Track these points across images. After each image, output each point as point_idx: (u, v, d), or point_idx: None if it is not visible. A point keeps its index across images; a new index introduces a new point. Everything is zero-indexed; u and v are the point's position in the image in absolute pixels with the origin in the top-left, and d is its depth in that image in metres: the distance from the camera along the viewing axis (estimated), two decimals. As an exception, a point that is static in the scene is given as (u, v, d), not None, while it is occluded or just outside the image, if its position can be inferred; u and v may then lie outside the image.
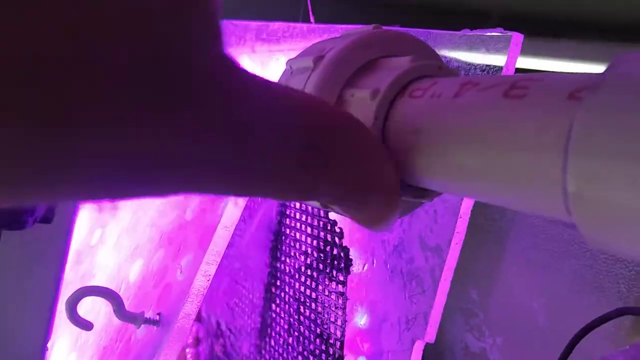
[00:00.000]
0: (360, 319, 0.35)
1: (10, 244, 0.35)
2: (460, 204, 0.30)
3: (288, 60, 0.23)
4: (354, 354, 0.36)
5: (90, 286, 0.33)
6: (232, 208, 0.27)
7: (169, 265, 0.36)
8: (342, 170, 0.14)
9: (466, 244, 0.34)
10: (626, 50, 0.94)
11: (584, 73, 0.14)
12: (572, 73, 0.14)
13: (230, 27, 0.60)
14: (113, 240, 0.47)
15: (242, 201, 0.27)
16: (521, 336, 0.48)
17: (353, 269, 0.31)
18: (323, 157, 0.13)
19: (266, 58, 0.52)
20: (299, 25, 0.46)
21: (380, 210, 0.16)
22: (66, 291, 0.46)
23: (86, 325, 0.35)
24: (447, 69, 0.19)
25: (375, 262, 0.35)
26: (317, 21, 0.53)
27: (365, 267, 0.35)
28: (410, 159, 0.18)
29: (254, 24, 0.54)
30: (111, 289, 0.32)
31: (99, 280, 0.46)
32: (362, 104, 0.19)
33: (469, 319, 0.54)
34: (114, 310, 0.33)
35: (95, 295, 0.32)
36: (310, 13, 0.54)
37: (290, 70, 0.22)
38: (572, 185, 0.12)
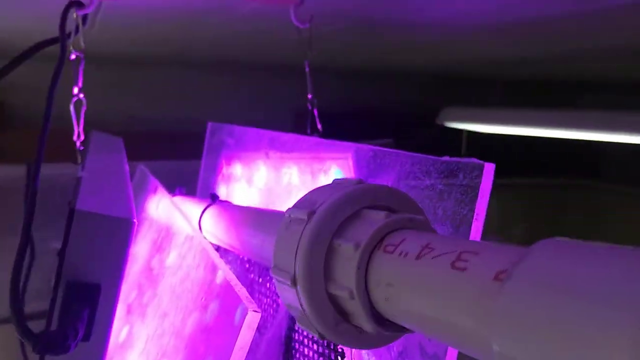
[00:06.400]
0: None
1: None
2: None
3: (287, 209, 0.27)
4: None
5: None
6: (245, 330, 0.31)
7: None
8: None
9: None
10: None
11: (508, 250, 0.17)
12: (502, 249, 0.18)
13: (246, 133, 0.67)
14: (141, 346, 0.50)
15: (254, 323, 0.30)
16: None
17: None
18: None
19: (278, 164, 0.57)
20: (307, 138, 0.52)
21: None
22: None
23: None
24: (416, 221, 0.23)
25: (383, 365, 0.37)
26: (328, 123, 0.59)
27: (375, 370, 0.37)
28: (388, 305, 0.21)
29: (266, 133, 0.60)
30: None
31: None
32: (347, 254, 0.23)
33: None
34: None
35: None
36: (317, 121, 0.59)
37: (289, 218, 0.26)
38: (495, 347, 0.16)
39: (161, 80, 1.29)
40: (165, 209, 0.58)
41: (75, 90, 0.52)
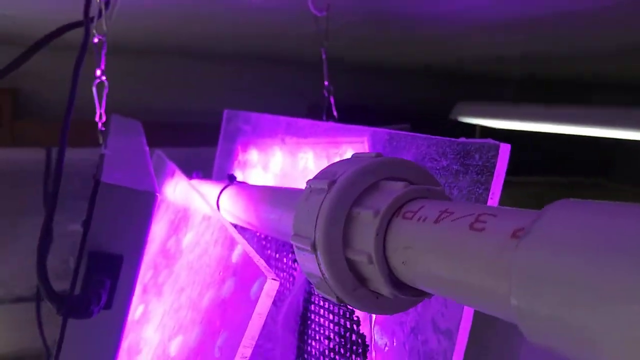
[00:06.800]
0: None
1: (71, 326, 0.40)
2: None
3: (308, 180, 0.28)
4: None
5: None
6: (264, 298, 0.31)
7: (207, 343, 0.40)
8: None
9: (480, 324, 0.37)
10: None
11: (525, 212, 0.18)
12: (519, 211, 0.18)
13: (263, 120, 0.68)
14: (157, 321, 0.52)
15: (272, 291, 0.31)
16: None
17: (379, 342, 0.34)
18: None
19: (295, 149, 0.58)
20: (322, 123, 0.53)
21: None
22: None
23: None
24: (434, 191, 0.24)
25: (395, 342, 0.38)
26: (339, 116, 0.60)
27: (387, 348, 0.38)
28: (406, 269, 0.22)
29: (283, 119, 0.60)
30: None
31: (145, 356, 0.50)
32: (366, 221, 0.24)
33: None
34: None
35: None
36: (333, 109, 0.60)
37: (309, 189, 0.27)
38: (515, 304, 0.16)
39: (167, 70, 1.30)
40: (182, 191, 0.60)
41: (98, 72, 0.53)
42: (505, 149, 0.32)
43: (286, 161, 0.59)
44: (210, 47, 1.15)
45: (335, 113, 0.60)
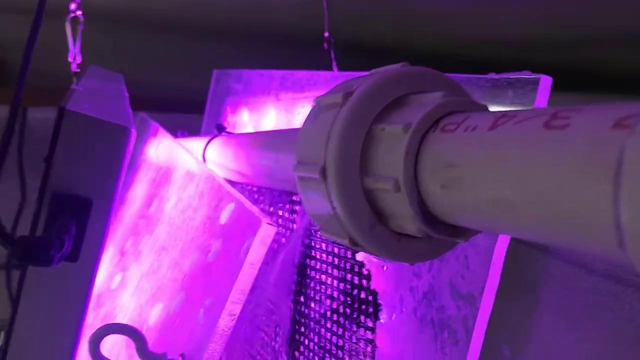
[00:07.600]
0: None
1: (34, 281, 0.35)
2: (493, 248, 0.29)
3: (316, 98, 0.23)
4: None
5: (114, 323, 0.32)
6: (258, 246, 0.27)
7: (190, 308, 0.35)
8: None
9: (497, 294, 0.32)
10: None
11: (617, 105, 0.13)
12: (604, 105, 0.14)
13: (255, 76, 0.62)
14: (134, 284, 0.47)
15: (268, 238, 0.26)
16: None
17: (382, 315, 0.30)
18: None
19: (290, 105, 0.53)
20: (322, 73, 0.47)
21: None
22: (86, 333, 0.46)
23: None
24: (478, 105, 0.19)
25: (403, 310, 0.33)
26: (339, 70, 0.55)
27: (394, 317, 0.33)
28: (445, 195, 0.17)
29: (278, 72, 0.55)
30: (135, 327, 0.32)
31: (120, 321, 0.45)
32: (393, 138, 0.19)
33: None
34: (136, 349, 0.32)
35: (119, 333, 0.31)
36: (333, 62, 0.55)
37: (318, 107, 0.22)
38: (626, 217, 0.11)
39: (153, 45, 1.23)
40: (166, 147, 0.54)
41: (73, 6, 0.47)
42: (546, 81, 0.27)
43: (280, 119, 0.54)
44: (202, 21, 1.09)
45: (335, 68, 0.55)
